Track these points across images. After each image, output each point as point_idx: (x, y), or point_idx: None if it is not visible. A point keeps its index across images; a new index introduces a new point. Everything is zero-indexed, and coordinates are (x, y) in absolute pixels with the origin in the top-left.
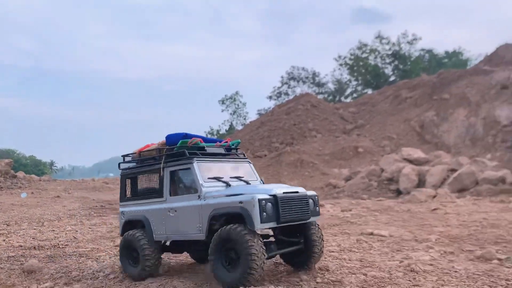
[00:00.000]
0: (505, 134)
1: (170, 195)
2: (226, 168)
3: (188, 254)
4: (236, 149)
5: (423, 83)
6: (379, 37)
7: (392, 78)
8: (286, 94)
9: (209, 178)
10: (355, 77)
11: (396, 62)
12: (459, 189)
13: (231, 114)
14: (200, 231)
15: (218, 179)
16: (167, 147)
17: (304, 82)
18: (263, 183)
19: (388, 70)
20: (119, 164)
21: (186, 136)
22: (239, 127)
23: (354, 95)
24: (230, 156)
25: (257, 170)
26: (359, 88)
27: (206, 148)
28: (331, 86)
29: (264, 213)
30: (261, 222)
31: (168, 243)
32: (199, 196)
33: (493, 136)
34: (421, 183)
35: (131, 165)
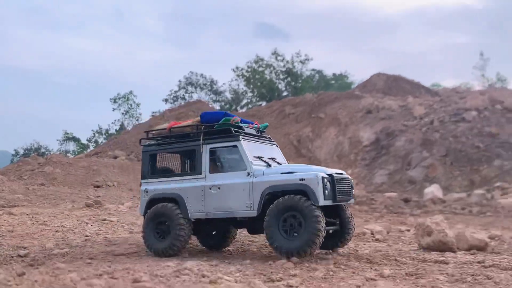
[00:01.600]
0: (365, 153)
1: (210, 172)
2: (262, 149)
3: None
4: (262, 132)
5: (305, 102)
6: (275, 53)
7: (285, 93)
8: (183, 98)
9: (254, 156)
10: (251, 89)
11: (289, 79)
12: None
13: (123, 113)
14: (250, 207)
15: (260, 158)
16: (204, 124)
17: (201, 89)
18: None
19: (282, 86)
20: (140, 140)
21: (227, 114)
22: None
23: (250, 106)
24: (262, 137)
25: (134, 173)
26: (254, 100)
27: (244, 128)
28: (228, 95)
29: (326, 191)
30: (324, 199)
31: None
32: (248, 173)
33: (355, 154)
34: None
35: (152, 142)
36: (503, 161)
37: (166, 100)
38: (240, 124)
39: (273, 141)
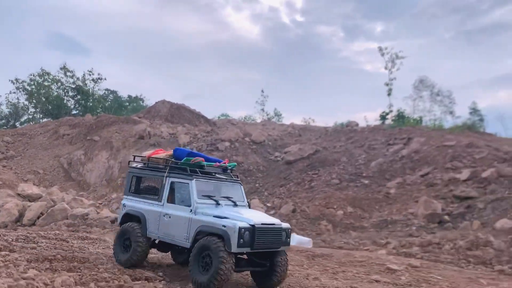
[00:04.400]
0: None
1: (167, 202)
2: (219, 188)
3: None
4: (232, 170)
5: (83, 123)
6: (64, 68)
7: (74, 112)
8: None
9: (203, 195)
10: (33, 104)
11: (78, 97)
12: (50, 222)
13: None
14: (186, 240)
15: (210, 197)
16: (173, 160)
17: None
18: (249, 206)
19: (71, 103)
20: (129, 161)
21: (191, 154)
22: None
23: (32, 122)
24: (225, 176)
25: None
26: (38, 116)
27: (205, 167)
28: (5, 109)
29: (241, 240)
30: (237, 247)
31: (157, 241)
32: (191, 210)
33: (123, 178)
34: (22, 217)
35: (139, 165)
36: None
37: None
38: (203, 163)
39: (237, 180)
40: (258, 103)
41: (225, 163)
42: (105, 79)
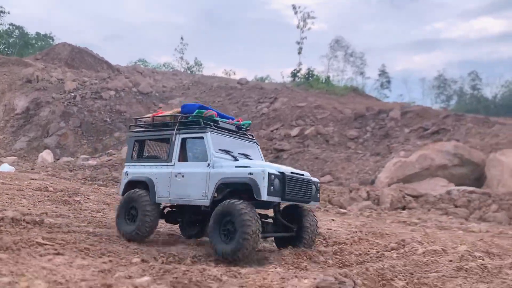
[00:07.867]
0: (15, 121)
1: (179, 161)
2: (235, 144)
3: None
4: (247, 129)
5: None
6: None
7: None
8: None
9: (219, 149)
10: None
11: None
12: None
13: None
14: (205, 197)
15: (227, 152)
16: (182, 115)
17: None
18: None
19: None
20: (130, 126)
21: (202, 107)
22: None
23: None
24: (240, 134)
25: None
26: None
27: (219, 122)
28: None
29: (272, 187)
30: (267, 195)
31: (165, 211)
32: (208, 164)
33: (6, 121)
34: None
35: (140, 129)
36: (121, 133)
37: None
38: (216, 118)
39: (253, 139)
40: (177, 50)
41: (239, 121)
42: (8, 12)
